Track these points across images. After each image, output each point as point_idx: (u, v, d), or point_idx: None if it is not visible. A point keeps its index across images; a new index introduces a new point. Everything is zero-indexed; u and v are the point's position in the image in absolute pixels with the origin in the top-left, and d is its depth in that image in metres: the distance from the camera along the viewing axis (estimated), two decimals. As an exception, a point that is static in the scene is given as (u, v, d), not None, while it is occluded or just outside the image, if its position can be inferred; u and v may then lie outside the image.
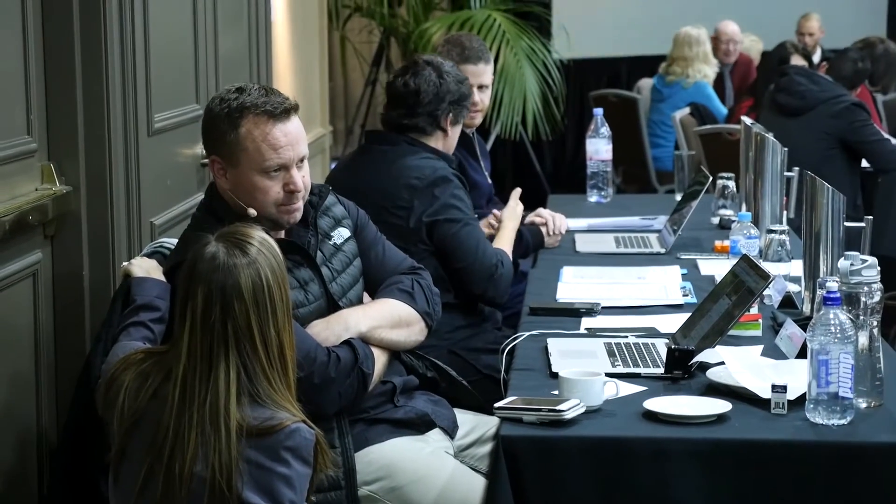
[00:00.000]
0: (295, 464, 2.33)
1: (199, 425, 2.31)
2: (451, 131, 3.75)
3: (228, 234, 2.42)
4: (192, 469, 2.30)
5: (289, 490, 2.33)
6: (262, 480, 2.31)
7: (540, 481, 2.48)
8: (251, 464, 2.31)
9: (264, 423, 2.32)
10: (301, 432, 2.34)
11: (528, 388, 2.77)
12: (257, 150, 2.77)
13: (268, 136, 2.77)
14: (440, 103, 3.68)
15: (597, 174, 5.11)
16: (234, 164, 2.79)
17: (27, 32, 2.88)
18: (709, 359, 2.82)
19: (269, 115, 2.77)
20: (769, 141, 4.10)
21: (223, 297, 2.35)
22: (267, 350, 2.36)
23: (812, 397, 2.52)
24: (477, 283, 3.62)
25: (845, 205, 3.10)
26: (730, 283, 3.02)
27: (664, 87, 8.24)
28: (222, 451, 2.29)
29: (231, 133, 2.77)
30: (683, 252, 4.12)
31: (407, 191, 3.59)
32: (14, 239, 2.80)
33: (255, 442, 2.31)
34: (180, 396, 2.34)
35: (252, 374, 2.35)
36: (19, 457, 2.85)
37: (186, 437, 2.31)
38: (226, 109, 2.79)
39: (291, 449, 2.32)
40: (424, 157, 3.65)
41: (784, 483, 2.45)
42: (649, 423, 2.55)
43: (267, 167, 2.78)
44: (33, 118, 2.92)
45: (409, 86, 3.68)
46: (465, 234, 3.62)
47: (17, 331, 2.87)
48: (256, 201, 2.79)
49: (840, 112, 6.02)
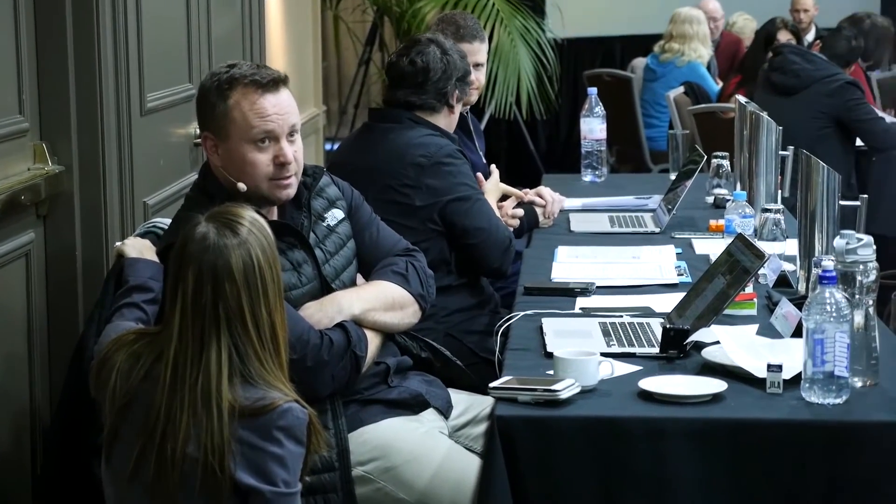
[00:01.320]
0: (287, 443, 2.32)
1: (190, 406, 2.30)
2: (456, 108, 3.74)
3: (219, 215, 2.40)
4: (185, 450, 2.29)
5: (282, 470, 2.32)
6: (255, 460, 2.30)
7: (535, 461, 2.48)
8: (243, 444, 2.30)
9: (256, 402, 2.31)
10: (293, 412, 2.33)
11: (523, 368, 2.76)
12: (244, 119, 2.75)
13: (255, 105, 2.75)
14: (448, 80, 3.68)
15: (591, 154, 5.10)
16: (224, 138, 2.78)
17: (18, 10, 2.86)
18: (704, 338, 2.81)
19: (258, 85, 2.76)
20: (764, 120, 4.09)
21: (214, 278, 2.33)
22: (259, 331, 2.35)
23: (808, 376, 2.52)
24: (494, 258, 3.62)
25: (840, 183, 3.09)
26: (725, 262, 3.01)
27: (658, 66, 8.22)
28: (214, 432, 2.28)
29: (220, 104, 2.76)
30: (678, 231, 4.11)
31: (413, 169, 3.57)
32: (6, 219, 2.79)
33: (248, 422, 2.30)
34: (171, 377, 2.33)
35: (244, 355, 2.33)
36: (12, 436, 2.84)
37: (178, 419, 2.30)
38: (216, 82, 2.78)
39: (284, 428, 2.31)
40: (428, 135, 3.64)
41: (780, 462, 2.44)
42: (644, 403, 2.55)
43: (254, 135, 2.75)
44: (25, 97, 2.91)
45: (416, 63, 3.66)
46: (477, 210, 3.62)
47: (10, 311, 2.86)
48: (247, 175, 2.77)
49: (835, 91, 6.01)
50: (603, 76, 8.44)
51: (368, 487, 2.81)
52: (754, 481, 2.45)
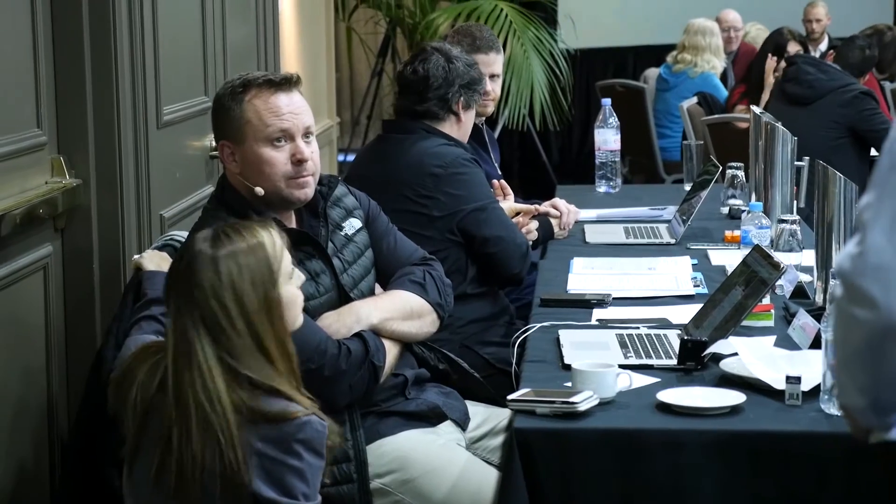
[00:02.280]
0: (307, 456, 2.32)
1: (197, 410, 2.30)
2: (465, 116, 3.73)
3: (224, 226, 2.42)
4: (203, 459, 2.29)
5: (301, 483, 2.32)
6: (274, 473, 2.31)
7: (554, 473, 2.47)
8: (262, 456, 2.30)
9: (272, 409, 2.31)
10: (313, 424, 2.33)
11: (541, 380, 2.76)
12: (260, 119, 2.77)
13: (268, 103, 2.77)
14: (450, 87, 3.67)
15: (605, 164, 5.10)
16: (240, 141, 2.79)
17: (36, 25, 2.87)
18: (722, 350, 2.80)
19: (271, 84, 2.79)
20: (779, 130, 4.09)
21: (196, 286, 2.34)
22: (241, 339, 2.34)
23: (827, 388, 2.51)
24: (513, 265, 3.63)
25: (857, 194, 3.09)
26: (742, 273, 3.01)
27: (671, 76, 8.23)
28: (224, 431, 2.28)
29: (235, 108, 2.78)
30: (693, 242, 4.10)
31: (430, 179, 3.58)
32: (24, 232, 2.80)
33: (266, 432, 2.30)
34: (174, 384, 2.34)
35: (234, 358, 2.33)
36: (31, 449, 2.85)
37: (188, 425, 2.31)
38: (229, 88, 2.80)
39: (303, 441, 2.32)
40: (442, 144, 3.64)
41: (800, 475, 2.43)
42: (663, 415, 2.54)
43: (270, 134, 2.77)
44: (43, 111, 2.92)
45: (418, 72, 3.67)
46: (495, 218, 3.63)
47: (29, 325, 2.86)
48: (264, 176, 2.78)
49: (849, 101, 6.00)
50: (615, 87, 8.45)
51: (386, 500, 2.81)
52: (773, 494, 2.44)
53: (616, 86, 8.49)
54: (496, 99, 4.31)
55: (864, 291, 1.68)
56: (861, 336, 1.65)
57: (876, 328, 1.67)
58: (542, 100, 8.12)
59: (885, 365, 1.68)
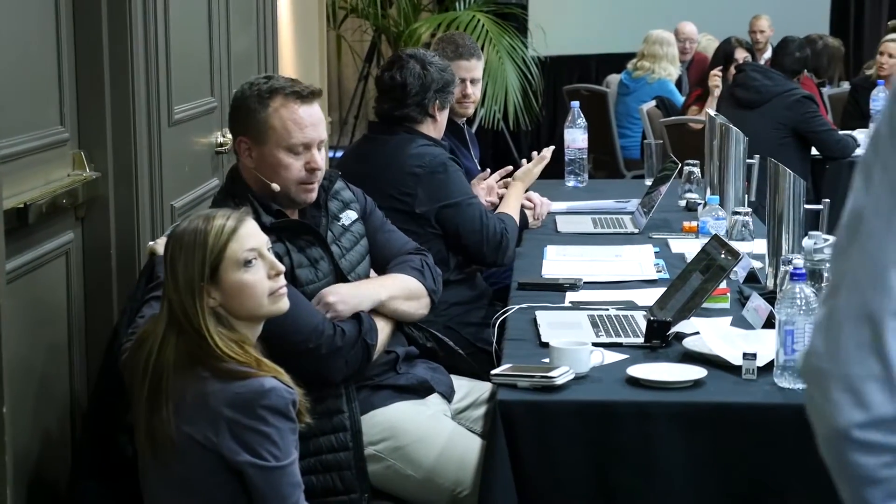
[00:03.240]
0: (274, 420, 2.31)
1: (159, 371, 2.34)
2: (440, 116, 3.73)
3: (207, 211, 2.45)
4: (178, 423, 2.30)
5: (271, 445, 2.31)
6: (243, 437, 2.30)
7: (534, 441, 2.47)
8: (231, 422, 2.29)
9: (238, 372, 2.31)
10: (277, 391, 2.31)
11: (521, 357, 2.76)
12: (284, 128, 2.76)
13: (294, 115, 2.76)
14: (426, 92, 3.66)
15: (574, 161, 5.09)
16: (261, 142, 2.77)
17: (60, 34, 2.86)
18: (684, 329, 2.81)
19: (297, 97, 2.77)
20: (732, 131, 4.10)
21: (171, 256, 2.40)
22: (174, 314, 2.36)
23: (780, 364, 2.52)
24: (488, 255, 3.64)
25: (805, 189, 3.09)
26: (701, 260, 3.01)
27: (630, 81, 8.23)
28: (188, 397, 2.31)
29: (261, 112, 2.76)
30: (655, 232, 4.11)
31: (411, 178, 3.57)
32: (49, 220, 2.77)
33: (232, 400, 2.29)
34: (158, 350, 2.37)
35: (173, 327, 2.36)
36: (55, 418, 2.83)
37: (163, 388, 2.34)
38: (256, 91, 2.78)
39: (268, 407, 2.30)
40: (422, 145, 3.63)
41: (755, 442, 2.44)
42: (632, 388, 2.55)
43: (292, 144, 2.76)
44: (66, 111, 2.90)
45: (395, 79, 3.65)
46: (469, 214, 3.61)
47: (52, 304, 2.85)
48: (279, 177, 2.78)
49: (793, 104, 6.03)
50: (581, 91, 8.44)
51: (379, 465, 2.80)
52: (732, 459, 2.45)
53: (581, 90, 8.49)
54: (476, 102, 4.30)
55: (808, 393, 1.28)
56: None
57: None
58: (515, 102, 8.12)
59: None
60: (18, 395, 2.52)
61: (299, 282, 2.73)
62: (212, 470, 2.32)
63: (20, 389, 2.55)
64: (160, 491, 2.39)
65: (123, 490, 2.57)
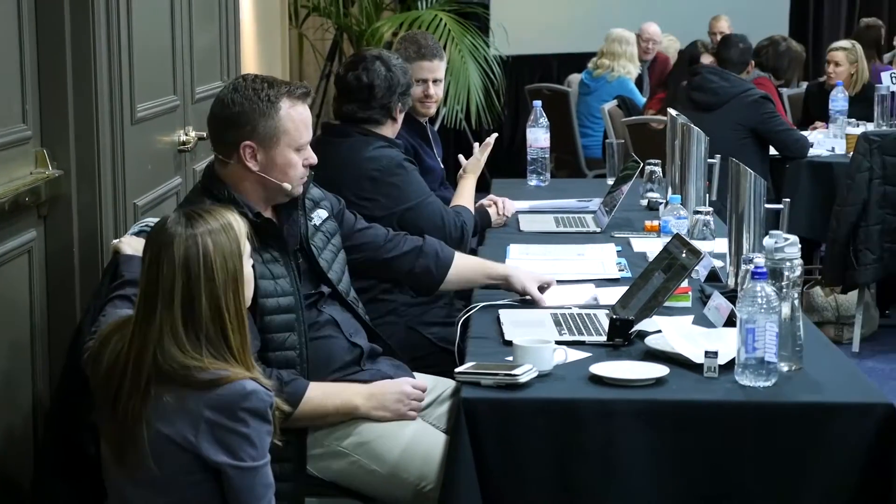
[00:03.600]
0: (253, 422, 2.32)
1: (138, 374, 2.31)
2: (399, 118, 3.74)
3: (193, 209, 2.42)
4: (152, 422, 2.30)
5: (249, 447, 2.32)
6: (223, 439, 2.31)
7: (497, 438, 2.49)
8: (212, 424, 2.30)
9: (215, 377, 2.31)
10: (258, 394, 2.32)
11: (484, 355, 2.77)
12: (296, 129, 2.81)
13: (302, 116, 2.84)
14: (392, 95, 3.66)
15: (536, 160, 5.11)
16: (271, 146, 2.80)
17: (22, 30, 2.84)
18: (647, 327, 2.83)
19: (302, 98, 2.84)
20: (694, 131, 4.12)
21: (158, 260, 2.35)
22: (193, 313, 2.33)
23: (741, 362, 2.55)
24: (453, 247, 3.63)
25: (765, 188, 3.12)
26: (663, 259, 3.03)
27: (591, 81, 8.25)
28: (169, 399, 2.29)
29: (273, 116, 2.79)
30: (617, 231, 4.13)
31: (369, 182, 3.58)
32: (11, 219, 2.76)
33: (214, 402, 2.30)
34: (129, 350, 2.34)
35: (182, 330, 2.33)
36: (17, 417, 2.82)
37: (134, 387, 2.31)
38: (265, 98, 2.80)
39: (248, 410, 2.31)
40: (378, 147, 3.63)
41: (716, 439, 2.47)
42: (595, 386, 2.56)
43: (302, 144, 2.83)
44: (28, 108, 2.88)
45: (361, 80, 3.65)
46: (429, 212, 3.63)
47: (15, 302, 2.83)
48: (287, 177, 2.82)
49: (751, 104, 6.06)
50: (542, 90, 8.45)
51: (344, 461, 2.81)
52: (693, 456, 2.47)
53: (543, 89, 8.50)
54: (438, 101, 4.30)
55: None
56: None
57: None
58: (478, 101, 8.13)
59: None
60: (-20, 394, 2.51)
61: (261, 293, 2.73)
62: (187, 470, 2.33)
63: (-18, 388, 2.54)
64: (128, 490, 2.38)
65: (87, 489, 2.56)
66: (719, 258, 3.43)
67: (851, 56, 7.06)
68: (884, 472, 2.42)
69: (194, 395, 2.31)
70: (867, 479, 2.43)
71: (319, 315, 2.87)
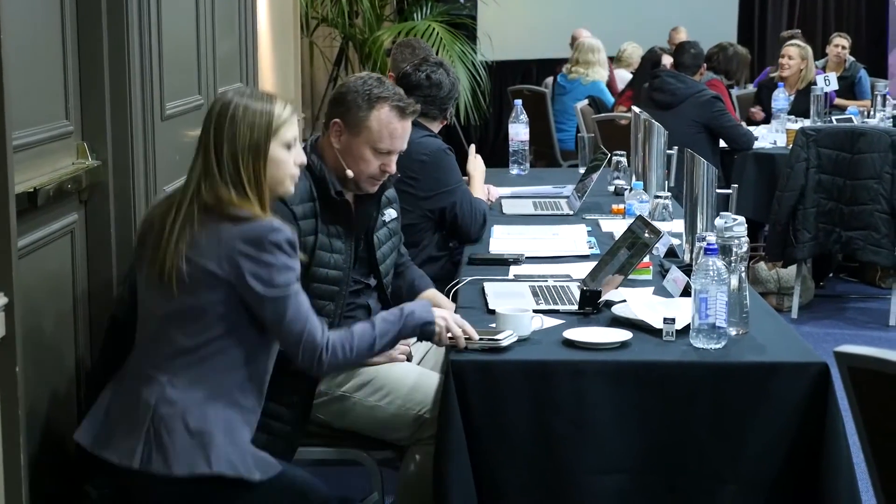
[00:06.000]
0: (279, 254, 2.31)
1: (183, 209, 2.34)
2: (445, 120, 3.77)
3: (253, 89, 2.47)
4: (186, 253, 2.30)
5: (278, 276, 2.31)
6: (255, 270, 2.29)
7: (481, 396, 2.47)
8: (244, 256, 2.29)
9: (248, 215, 2.32)
10: (283, 231, 2.33)
11: (471, 322, 2.73)
12: (379, 132, 2.79)
13: (391, 125, 2.80)
14: (450, 100, 3.71)
15: (517, 152, 5.10)
16: (354, 134, 2.80)
17: (66, 39, 2.82)
18: (613, 297, 2.82)
19: (399, 111, 2.81)
20: (655, 126, 4.11)
21: (209, 113, 2.41)
22: (222, 160, 2.35)
23: (695, 327, 2.54)
24: (474, 232, 3.69)
25: (716, 176, 3.11)
26: (627, 237, 3.02)
27: (566, 83, 8.22)
28: (192, 231, 2.30)
29: (365, 110, 2.79)
30: (588, 213, 4.12)
31: (418, 164, 3.59)
32: (55, 204, 2.74)
33: (245, 234, 2.29)
34: (183, 190, 2.38)
35: (216, 169, 2.35)
36: (63, 379, 2.80)
37: (179, 221, 2.33)
38: (368, 90, 2.80)
39: (275, 243, 2.30)
40: (426, 136, 3.66)
41: (674, 395, 2.46)
42: (568, 349, 2.55)
43: (380, 147, 2.80)
44: (70, 106, 2.86)
45: (431, 78, 3.67)
46: (462, 196, 3.67)
47: (59, 278, 2.81)
48: (357, 167, 2.81)
49: (703, 103, 6.06)
50: (523, 91, 8.42)
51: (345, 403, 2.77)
52: (653, 409, 2.46)
53: (524, 90, 8.47)
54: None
55: None
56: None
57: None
58: (466, 100, 8.10)
59: None
60: (30, 357, 2.49)
61: (315, 260, 2.72)
62: (224, 300, 2.31)
63: (31, 352, 2.52)
64: (158, 324, 2.37)
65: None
66: (676, 237, 3.42)
67: (803, 53, 7.07)
68: (818, 422, 2.41)
69: (228, 229, 2.30)
70: (804, 428, 2.43)
71: (357, 298, 2.86)
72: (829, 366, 2.43)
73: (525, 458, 2.45)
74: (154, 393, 2.34)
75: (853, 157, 5.43)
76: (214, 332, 2.33)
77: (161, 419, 2.31)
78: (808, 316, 5.70)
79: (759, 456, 2.42)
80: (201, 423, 2.31)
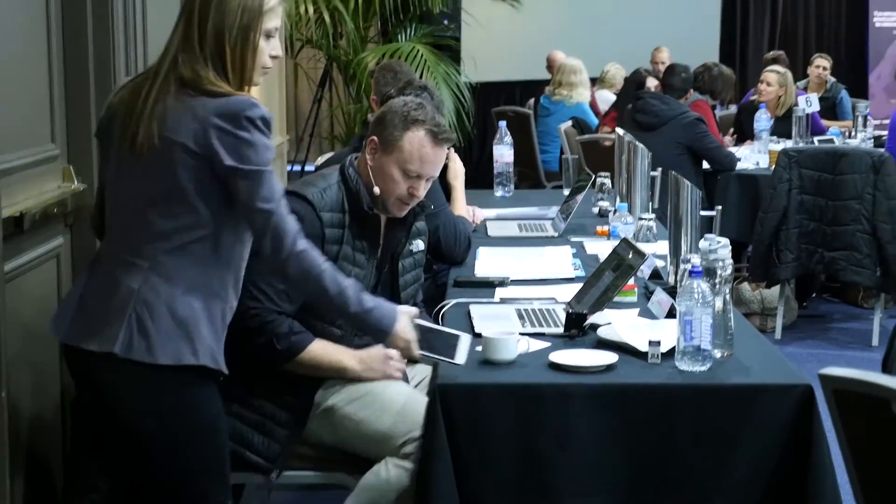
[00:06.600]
0: (255, 132, 2.24)
1: (157, 81, 2.26)
2: None
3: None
4: (161, 131, 2.22)
5: (253, 153, 2.24)
6: (231, 144, 2.22)
7: (467, 419, 2.47)
8: (220, 130, 2.22)
9: (224, 91, 2.25)
10: (260, 108, 2.26)
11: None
12: (410, 155, 2.81)
13: (423, 149, 2.82)
14: None
15: (501, 174, 5.10)
16: (387, 152, 2.83)
17: (51, 65, 2.83)
18: (598, 320, 2.83)
19: (434, 137, 2.82)
20: (639, 147, 4.13)
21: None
22: (204, 36, 2.27)
23: (680, 349, 2.54)
24: (459, 255, 3.67)
25: (700, 197, 3.12)
26: (612, 259, 3.03)
27: (550, 104, 8.25)
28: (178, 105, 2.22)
29: (399, 131, 2.81)
30: (573, 235, 4.12)
31: None
32: (42, 227, 2.74)
33: (220, 109, 2.22)
34: (159, 62, 2.29)
35: (197, 44, 2.26)
36: (48, 404, 2.79)
37: (153, 93, 2.25)
38: (406, 112, 2.82)
39: (251, 119, 2.23)
40: None
41: (659, 417, 2.46)
42: (554, 372, 2.55)
43: (409, 170, 2.82)
44: (56, 131, 2.87)
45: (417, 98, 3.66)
46: (447, 219, 3.66)
47: (44, 300, 2.81)
48: (385, 186, 2.83)
49: (687, 125, 6.10)
50: (507, 112, 8.45)
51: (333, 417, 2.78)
52: (639, 432, 2.46)
53: (507, 111, 8.50)
54: None
55: None
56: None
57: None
58: (450, 122, 8.12)
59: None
60: (16, 382, 2.48)
61: None
62: (199, 178, 2.23)
63: (17, 377, 2.51)
64: (135, 207, 2.29)
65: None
66: (661, 258, 3.43)
67: (781, 80, 7.11)
68: (803, 443, 2.42)
69: (203, 103, 2.23)
70: (789, 450, 2.43)
71: None
72: (813, 387, 2.44)
73: (511, 481, 2.44)
74: (136, 279, 2.24)
75: (835, 178, 5.47)
76: (192, 216, 2.25)
77: (145, 305, 2.23)
78: (792, 336, 5.72)
79: (745, 477, 2.43)
80: (188, 311, 2.24)
